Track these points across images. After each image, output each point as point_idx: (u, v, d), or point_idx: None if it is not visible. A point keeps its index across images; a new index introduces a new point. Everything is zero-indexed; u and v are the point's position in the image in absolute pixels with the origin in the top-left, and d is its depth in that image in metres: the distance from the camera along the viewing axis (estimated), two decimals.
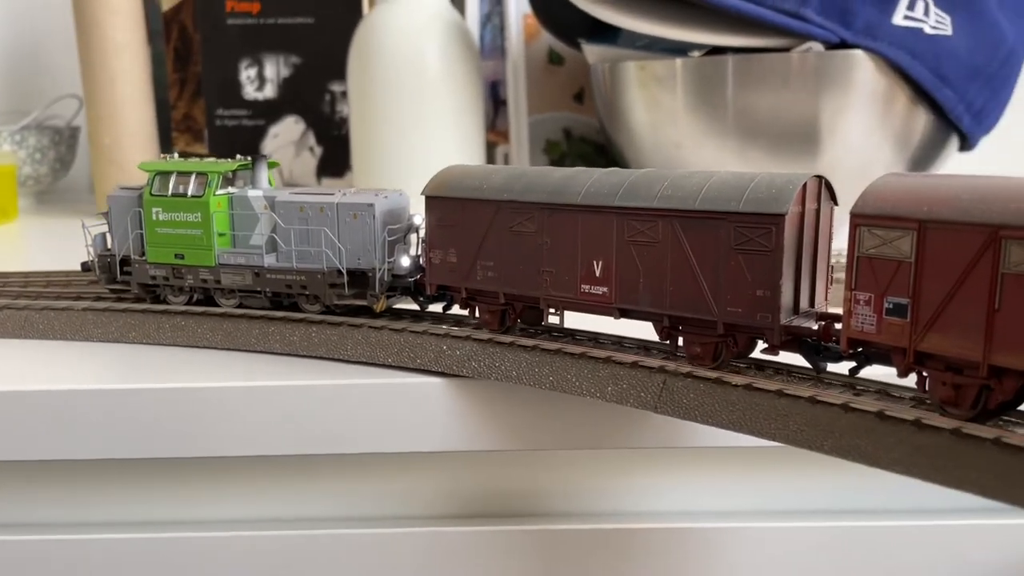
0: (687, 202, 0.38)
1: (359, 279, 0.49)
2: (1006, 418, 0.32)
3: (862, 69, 0.65)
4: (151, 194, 0.53)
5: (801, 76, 0.65)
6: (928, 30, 0.65)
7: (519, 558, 0.51)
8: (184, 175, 0.53)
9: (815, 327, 0.37)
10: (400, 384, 0.45)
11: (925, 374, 0.33)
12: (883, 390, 0.35)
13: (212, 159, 0.55)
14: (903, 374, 0.34)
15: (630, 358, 0.40)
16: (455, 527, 0.51)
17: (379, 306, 0.49)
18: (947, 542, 0.50)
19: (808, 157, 0.68)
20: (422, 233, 0.49)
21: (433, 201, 0.46)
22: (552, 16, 0.78)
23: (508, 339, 0.44)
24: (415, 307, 0.51)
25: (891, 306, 0.33)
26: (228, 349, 0.50)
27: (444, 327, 0.47)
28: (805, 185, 0.37)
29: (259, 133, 1.00)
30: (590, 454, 0.51)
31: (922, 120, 0.68)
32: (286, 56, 0.97)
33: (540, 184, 0.43)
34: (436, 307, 0.51)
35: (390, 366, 0.46)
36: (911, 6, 0.64)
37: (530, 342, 0.43)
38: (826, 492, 0.52)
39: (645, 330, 0.41)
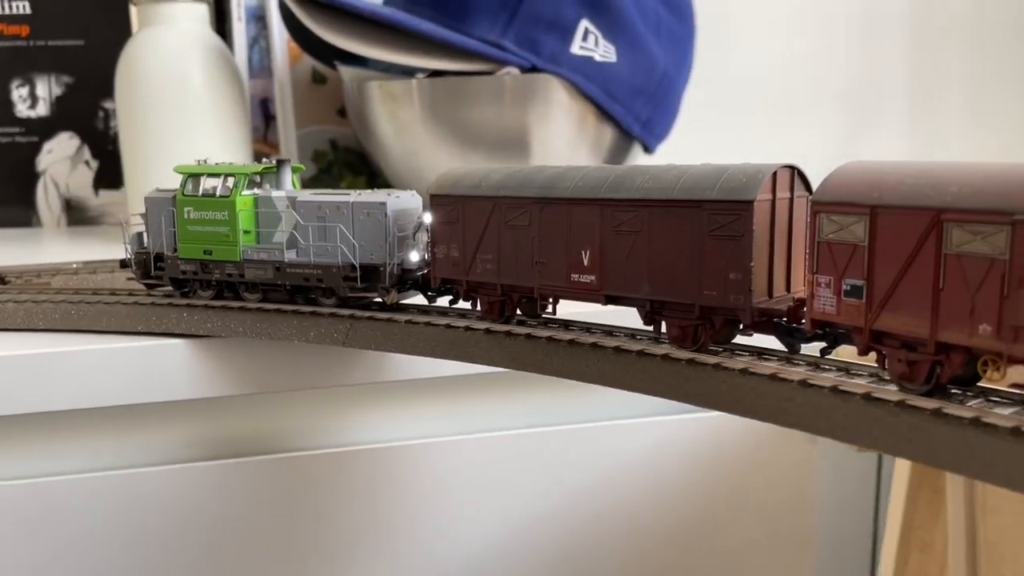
0: (666, 192, 0.41)
1: (371, 273, 0.53)
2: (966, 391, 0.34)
3: (556, 89, 0.79)
4: (183, 194, 0.57)
5: (510, 94, 0.79)
6: (598, 58, 0.80)
7: (260, 489, 0.62)
8: (213, 177, 0.57)
9: (783, 308, 0.39)
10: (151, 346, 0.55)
11: (883, 352, 0.35)
12: (846, 368, 0.37)
13: (240, 163, 0.59)
14: (863, 352, 0.35)
15: (613, 342, 0.42)
16: (201, 463, 0.61)
17: (390, 299, 0.53)
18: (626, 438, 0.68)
19: (519, 162, 0.81)
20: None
21: (437, 199, 0.50)
22: (307, 41, 0.86)
23: (503, 328, 0.47)
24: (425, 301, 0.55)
25: (848, 288, 0.35)
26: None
27: (447, 318, 0.50)
28: (775, 174, 0.39)
29: (34, 149, 1.05)
30: (314, 393, 0.63)
31: (609, 130, 0.83)
32: (58, 76, 1.03)
33: (533, 180, 0.46)
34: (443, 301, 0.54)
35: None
36: (584, 38, 0.79)
37: (523, 330, 0.46)
38: (513, 412, 0.68)
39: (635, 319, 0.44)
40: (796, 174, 0.41)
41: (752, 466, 0.72)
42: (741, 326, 0.40)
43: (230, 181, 0.56)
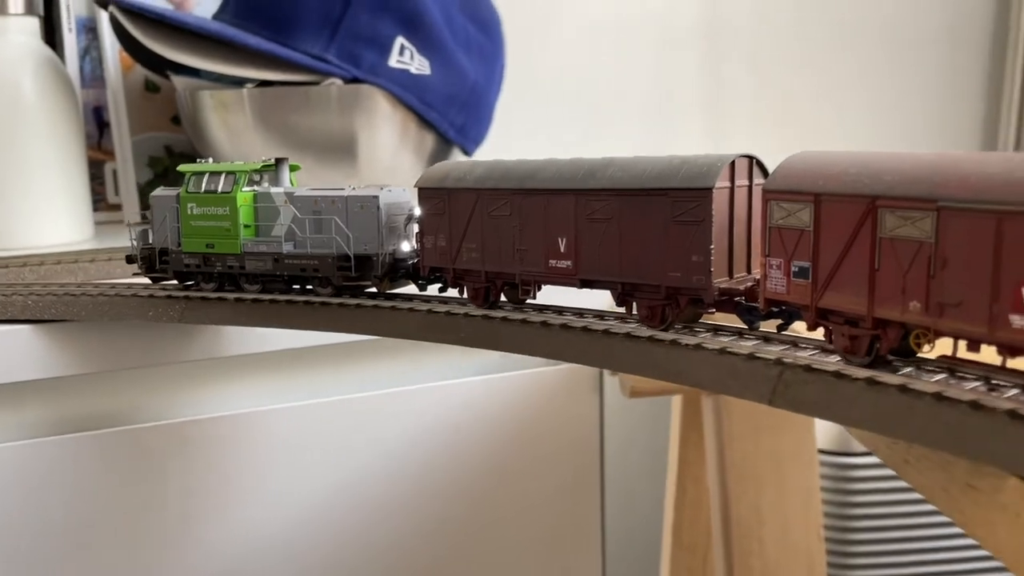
0: (634, 181, 0.44)
1: (365, 263, 0.56)
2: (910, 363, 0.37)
3: (377, 99, 0.87)
4: (187, 191, 0.60)
5: (335, 103, 0.86)
6: (414, 71, 0.88)
7: (106, 461, 0.69)
8: (216, 175, 0.60)
9: (742, 288, 0.42)
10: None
11: (829, 327, 0.38)
12: (794, 341, 0.40)
13: (241, 162, 0.62)
14: (811, 328, 0.39)
15: (581, 323, 0.46)
16: (43, 439, 0.67)
17: (382, 287, 0.56)
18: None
19: (348, 165, 0.89)
20: None
21: (424, 192, 0.53)
22: (139, 52, 0.90)
23: (495, 313, 0.50)
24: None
25: (797, 269, 0.38)
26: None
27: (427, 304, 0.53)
28: (733, 163, 0.42)
29: None
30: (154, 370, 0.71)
31: (429, 136, 0.92)
32: None
33: (513, 173, 0.49)
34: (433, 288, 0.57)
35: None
36: (401, 53, 0.87)
37: (498, 313, 0.49)
38: (329, 382, 0.77)
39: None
40: (755, 163, 0.44)
41: (545, 416, 0.82)
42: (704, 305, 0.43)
43: (231, 178, 0.59)
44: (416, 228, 0.56)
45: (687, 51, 1.30)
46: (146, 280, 0.63)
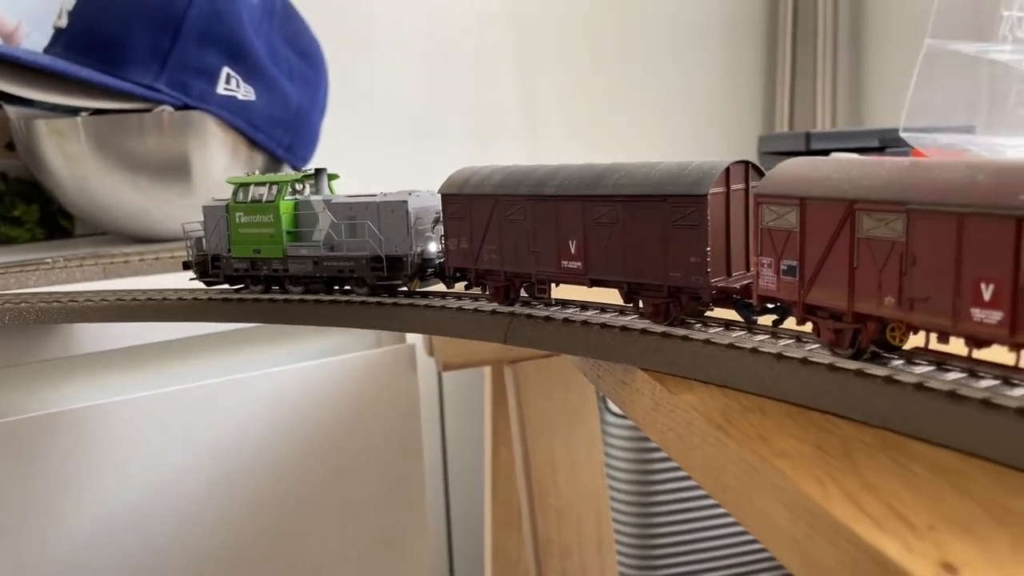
0: (636, 188, 0.47)
1: (396, 264, 0.60)
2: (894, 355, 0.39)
3: (208, 123, 0.97)
4: (235, 202, 0.65)
5: (168, 128, 0.96)
6: (240, 97, 0.99)
7: None
8: (260, 185, 0.65)
9: (737, 286, 0.44)
10: None
11: (816, 322, 0.41)
12: (798, 336, 0.43)
13: (283, 173, 0.67)
14: (800, 323, 0.41)
15: (599, 319, 0.49)
16: None
17: (412, 286, 0.60)
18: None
19: (184, 184, 0.99)
20: None
21: (447, 198, 0.56)
22: None
23: (507, 309, 0.53)
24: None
25: (785, 268, 0.41)
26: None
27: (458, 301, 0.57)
28: (728, 169, 0.45)
29: None
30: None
31: (260, 155, 1.03)
32: None
33: (526, 180, 0.52)
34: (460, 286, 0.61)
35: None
36: (227, 82, 0.98)
37: (526, 310, 0.52)
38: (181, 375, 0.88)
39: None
40: (751, 167, 0.46)
41: (369, 395, 0.94)
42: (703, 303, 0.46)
43: (275, 188, 0.64)
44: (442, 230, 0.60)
45: (501, 66, 1.47)
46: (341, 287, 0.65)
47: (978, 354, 0.35)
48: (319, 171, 0.67)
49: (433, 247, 0.60)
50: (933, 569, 0.25)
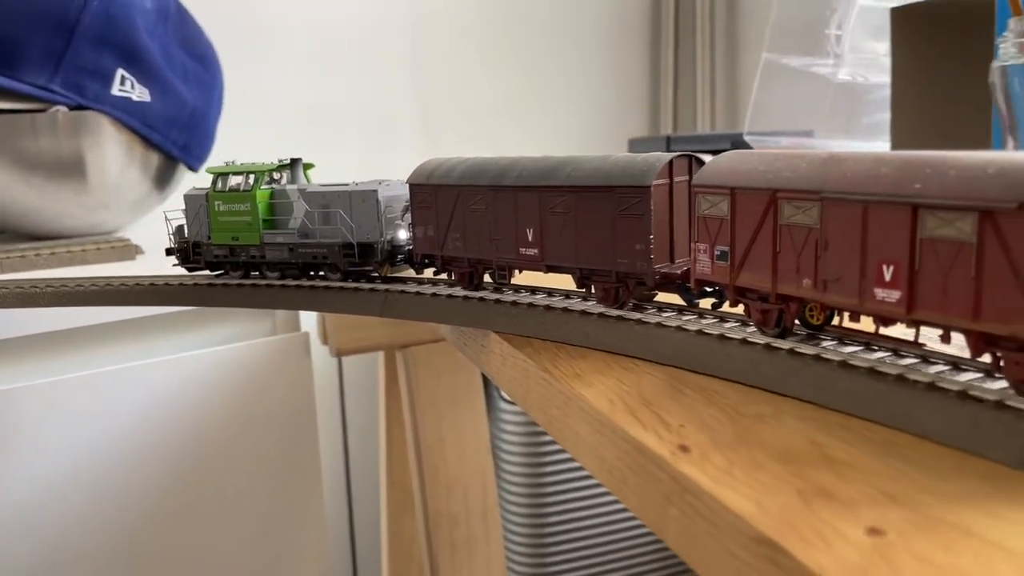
0: (586, 180, 0.50)
1: (367, 250, 0.63)
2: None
3: (103, 123, 1.01)
4: (214, 191, 0.68)
5: (63, 128, 0.99)
6: (135, 98, 1.02)
7: None
8: (238, 175, 0.68)
9: (679, 272, 0.48)
10: None
11: (746, 303, 0.44)
12: (721, 317, 0.46)
13: (259, 162, 0.70)
14: (733, 304, 0.44)
15: (553, 302, 0.52)
16: None
17: (383, 271, 0.63)
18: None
19: (78, 182, 1.02)
20: None
21: (415, 188, 0.59)
22: None
23: (478, 295, 0.57)
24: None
25: (719, 253, 0.44)
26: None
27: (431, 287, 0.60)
28: (671, 162, 0.48)
29: None
30: None
31: (155, 154, 1.07)
32: None
33: (487, 171, 0.55)
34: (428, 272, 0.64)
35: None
36: (122, 83, 1.01)
37: (494, 296, 0.56)
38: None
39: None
40: (694, 161, 0.49)
41: (265, 381, 0.98)
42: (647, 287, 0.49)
43: (251, 178, 0.67)
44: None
45: (399, 72, 1.58)
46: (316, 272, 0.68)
47: (885, 331, 0.38)
48: (295, 160, 0.69)
49: (403, 234, 0.63)
50: (672, 450, 0.35)
